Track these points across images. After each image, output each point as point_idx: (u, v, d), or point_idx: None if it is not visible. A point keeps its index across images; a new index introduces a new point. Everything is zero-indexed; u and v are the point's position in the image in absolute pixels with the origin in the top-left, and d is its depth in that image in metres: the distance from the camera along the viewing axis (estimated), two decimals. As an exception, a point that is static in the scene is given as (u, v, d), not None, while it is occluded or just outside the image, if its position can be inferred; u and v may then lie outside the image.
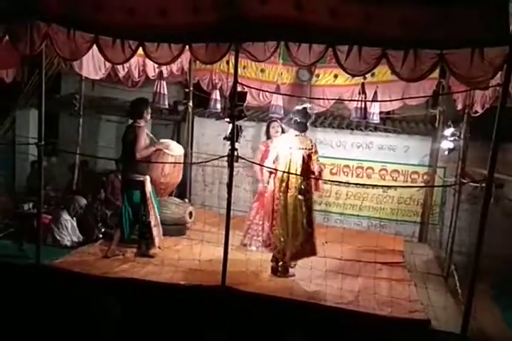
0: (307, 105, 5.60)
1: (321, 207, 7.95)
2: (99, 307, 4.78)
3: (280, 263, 5.56)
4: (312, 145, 5.49)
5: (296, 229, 5.40)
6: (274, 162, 5.54)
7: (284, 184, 5.40)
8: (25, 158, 9.38)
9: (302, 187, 5.39)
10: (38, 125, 5.32)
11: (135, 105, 5.78)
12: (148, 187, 5.74)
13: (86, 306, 4.81)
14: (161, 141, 6.06)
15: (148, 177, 5.74)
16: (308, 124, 5.57)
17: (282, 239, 5.44)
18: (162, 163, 5.93)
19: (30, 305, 4.98)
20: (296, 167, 5.39)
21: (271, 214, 5.53)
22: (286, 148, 5.45)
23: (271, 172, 5.60)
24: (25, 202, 7.43)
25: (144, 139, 5.63)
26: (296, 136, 5.49)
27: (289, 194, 5.38)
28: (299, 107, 5.59)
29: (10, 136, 8.72)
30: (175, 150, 6.11)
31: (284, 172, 5.36)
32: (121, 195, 5.90)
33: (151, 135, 5.91)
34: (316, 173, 5.51)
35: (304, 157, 5.41)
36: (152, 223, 5.79)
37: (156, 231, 5.88)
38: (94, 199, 7.30)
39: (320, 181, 5.69)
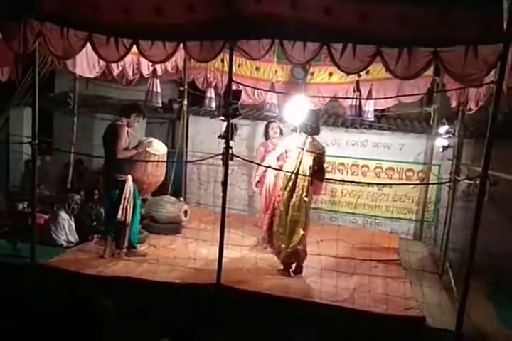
0: (315, 107, 5.65)
1: (316, 204, 7.95)
2: (94, 306, 4.76)
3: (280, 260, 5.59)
4: (323, 152, 5.52)
5: (294, 230, 5.40)
6: (278, 159, 5.55)
7: (290, 183, 5.39)
8: (19, 157, 9.35)
9: (308, 189, 5.39)
10: (31, 124, 5.28)
11: (126, 106, 5.82)
12: (129, 187, 5.62)
13: (81, 305, 4.79)
14: (143, 139, 5.96)
15: (130, 177, 5.65)
16: (320, 126, 5.61)
17: (279, 237, 5.46)
18: (144, 161, 5.82)
19: (24, 304, 4.95)
20: (305, 168, 5.38)
21: (271, 211, 5.55)
22: (297, 149, 5.44)
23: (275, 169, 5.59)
24: (19, 201, 7.40)
25: (124, 139, 5.51)
26: (309, 138, 5.50)
27: (294, 194, 5.38)
28: (310, 111, 5.67)
29: (4, 135, 8.69)
30: (158, 149, 6.01)
31: (292, 172, 5.37)
32: (102, 194, 5.82)
33: (133, 133, 5.80)
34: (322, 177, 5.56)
35: (314, 161, 5.42)
36: (126, 222, 5.66)
37: (128, 231, 5.75)
38: (88, 198, 7.27)
39: (320, 185, 5.69)
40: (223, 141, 4.85)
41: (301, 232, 5.39)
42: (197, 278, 5.09)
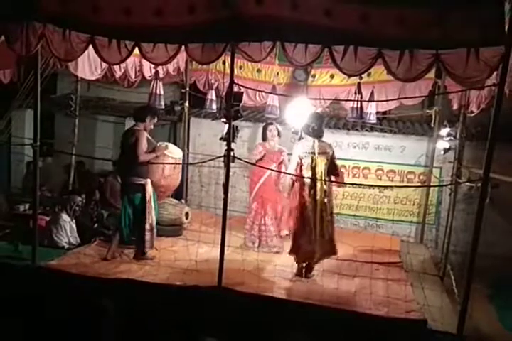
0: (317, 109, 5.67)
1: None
2: (95, 308, 4.77)
3: (305, 264, 5.59)
4: (332, 151, 5.57)
5: (323, 230, 5.44)
6: (296, 169, 5.55)
7: (312, 190, 5.41)
8: (21, 158, 9.37)
9: (325, 190, 5.44)
10: (33, 125, 5.29)
11: (138, 110, 5.86)
12: (150, 191, 5.72)
13: (82, 307, 4.80)
14: (160, 143, 6.03)
15: (149, 181, 5.72)
16: (323, 128, 5.64)
17: (312, 241, 5.44)
18: (162, 163, 5.92)
19: (25, 306, 4.96)
20: (321, 171, 5.42)
21: (298, 219, 5.51)
22: (309, 154, 5.46)
23: (293, 181, 5.57)
24: (20, 203, 7.41)
25: (144, 143, 5.58)
26: (316, 141, 5.50)
27: (317, 198, 5.40)
28: (313, 113, 5.69)
29: (5, 137, 8.70)
30: (175, 152, 6.16)
31: (309, 178, 5.41)
32: (121, 198, 5.86)
33: (151, 139, 5.89)
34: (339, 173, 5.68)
35: (326, 161, 5.46)
36: (147, 227, 5.73)
37: (149, 236, 5.80)
38: (89, 199, 7.28)
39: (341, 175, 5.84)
40: (225, 143, 4.86)
41: (329, 231, 5.47)
42: (198, 280, 5.08)
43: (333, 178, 5.60)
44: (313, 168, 5.42)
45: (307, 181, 5.42)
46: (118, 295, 4.92)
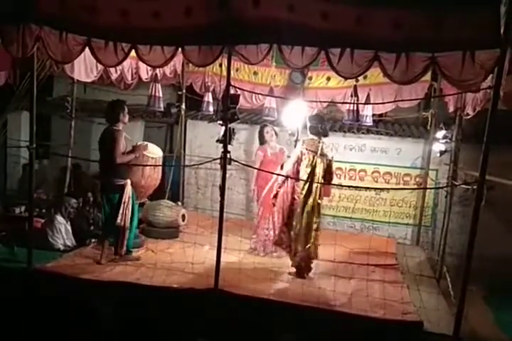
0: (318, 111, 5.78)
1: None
2: (91, 311, 4.76)
3: (303, 264, 5.67)
4: (332, 156, 5.69)
5: (310, 231, 5.53)
6: (294, 166, 5.65)
7: (306, 186, 5.50)
8: (16, 160, 9.34)
9: (320, 191, 5.55)
10: (29, 128, 5.28)
11: (109, 108, 5.72)
12: (128, 191, 5.65)
13: (78, 310, 4.78)
14: (138, 143, 5.99)
15: (129, 181, 5.67)
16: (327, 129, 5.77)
17: (295, 240, 5.58)
18: (140, 165, 5.84)
19: (21, 309, 4.94)
20: (320, 172, 5.52)
21: (286, 214, 5.67)
22: (311, 152, 5.56)
23: (288, 177, 5.67)
24: (16, 205, 7.38)
25: (122, 144, 5.53)
26: (319, 142, 5.61)
27: (311, 197, 5.49)
28: (315, 114, 5.85)
29: (1, 139, 8.67)
30: (154, 152, 6.08)
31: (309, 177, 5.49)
32: (101, 198, 5.83)
33: (129, 137, 5.82)
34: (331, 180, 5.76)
35: (325, 163, 5.57)
36: (124, 227, 5.66)
37: (127, 236, 5.75)
38: (84, 202, 7.26)
39: (329, 187, 5.96)
40: (221, 145, 4.85)
41: (315, 233, 5.54)
42: (194, 282, 5.07)
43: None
44: (312, 167, 5.49)
45: (303, 178, 5.49)
46: (114, 297, 4.91)
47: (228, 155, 4.78)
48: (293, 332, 4.51)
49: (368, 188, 7.73)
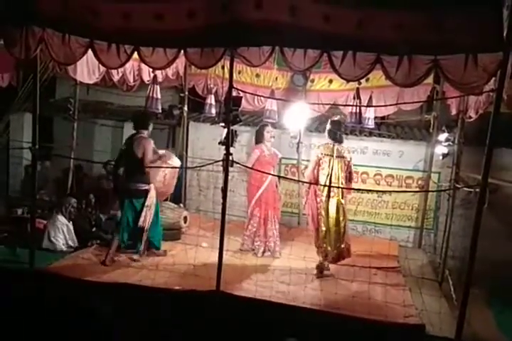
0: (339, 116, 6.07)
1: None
2: (93, 311, 4.75)
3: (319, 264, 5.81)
4: (350, 157, 5.86)
5: (339, 232, 5.68)
6: (313, 172, 5.80)
7: (326, 189, 5.65)
8: (19, 162, 9.35)
9: (342, 192, 5.73)
10: (32, 129, 5.29)
11: (141, 118, 5.96)
12: (152, 195, 5.82)
13: (80, 311, 4.78)
14: (162, 152, 6.13)
15: (152, 186, 5.85)
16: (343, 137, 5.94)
17: (326, 241, 5.69)
18: (161, 167, 6.11)
19: (23, 310, 4.94)
20: (339, 173, 5.68)
21: (315, 218, 5.80)
22: (328, 156, 5.72)
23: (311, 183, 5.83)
24: (19, 206, 7.39)
25: (152, 152, 5.72)
26: (337, 145, 5.75)
27: (331, 198, 5.66)
28: (335, 119, 5.90)
29: (4, 140, 8.70)
30: (176, 162, 6.48)
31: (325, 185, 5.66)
32: (121, 203, 5.89)
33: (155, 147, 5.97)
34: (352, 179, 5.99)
35: (344, 164, 5.74)
36: (146, 228, 5.77)
37: (147, 236, 5.89)
38: (86, 203, 7.27)
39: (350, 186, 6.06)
40: (223, 147, 4.86)
41: (345, 232, 5.73)
42: (196, 284, 5.07)
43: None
44: (331, 169, 5.65)
45: (322, 181, 5.66)
46: (115, 299, 4.90)
47: (230, 157, 4.79)
48: (294, 334, 4.50)
49: (370, 191, 7.72)
